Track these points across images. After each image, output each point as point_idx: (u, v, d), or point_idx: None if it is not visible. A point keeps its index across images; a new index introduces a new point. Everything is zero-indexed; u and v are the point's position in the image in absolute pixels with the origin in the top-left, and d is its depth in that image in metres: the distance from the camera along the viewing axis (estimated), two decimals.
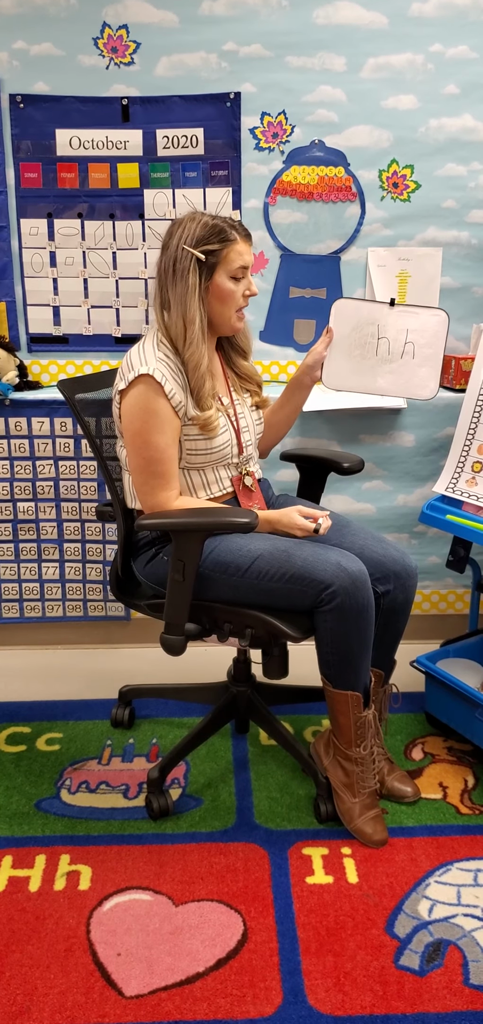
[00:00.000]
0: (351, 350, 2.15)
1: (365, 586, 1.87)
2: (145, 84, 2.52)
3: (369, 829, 1.97)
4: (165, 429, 1.92)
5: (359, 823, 1.98)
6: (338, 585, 1.83)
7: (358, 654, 1.91)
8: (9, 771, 2.24)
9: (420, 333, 2.12)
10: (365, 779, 1.99)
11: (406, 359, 2.13)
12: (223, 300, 1.97)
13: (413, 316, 2.13)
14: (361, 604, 1.86)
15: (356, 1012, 1.54)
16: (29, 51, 2.49)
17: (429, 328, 2.12)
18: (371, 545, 2.03)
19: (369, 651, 1.95)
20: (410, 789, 2.12)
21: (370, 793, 2.00)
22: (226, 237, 1.93)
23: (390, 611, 2.04)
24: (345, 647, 1.90)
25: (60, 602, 2.83)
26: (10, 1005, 1.56)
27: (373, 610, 1.91)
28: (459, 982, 1.60)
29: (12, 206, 2.61)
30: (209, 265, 1.93)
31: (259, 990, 1.59)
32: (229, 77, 2.52)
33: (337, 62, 2.51)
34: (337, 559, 1.86)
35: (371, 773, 1.99)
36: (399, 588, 2.03)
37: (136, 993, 1.58)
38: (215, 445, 1.99)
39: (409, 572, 2.04)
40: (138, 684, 2.49)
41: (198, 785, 2.19)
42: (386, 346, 2.14)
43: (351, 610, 1.85)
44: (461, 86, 2.53)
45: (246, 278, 2.00)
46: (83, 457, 2.69)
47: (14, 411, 2.65)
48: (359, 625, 1.88)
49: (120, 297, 2.69)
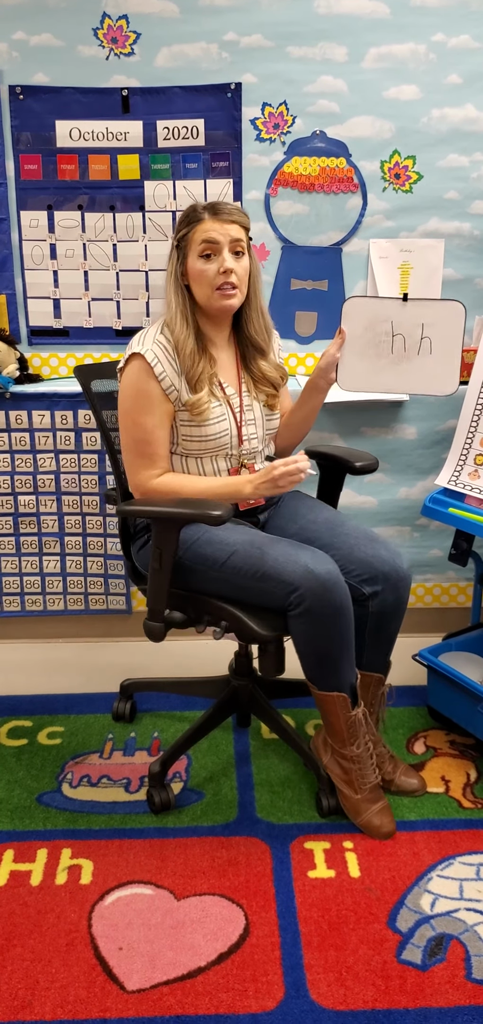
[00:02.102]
0: (365, 350, 2.09)
1: (335, 588, 1.83)
2: (145, 75, 2.50)
3: (377, 821, 1.97)
4: (153, 410, 1.97)
5: (366, 817, 1.98)
6: (305, 588, 1.80)
7: (337, 655, 1.89)
8: (10, 765, 2.24)
9: (436, 327, 2.07)
10: (364, 775, 1.98)
11: (423, 355, 2.08)
12: (196, 280, 2.00)
13: (428, 309, 2.07)
14: (333, 606, 1.83)
15: (358, 1006, 1.54)
16: (28, 42, 2.47)
17: (445, 321, 2.07)
18: (362, 545, 1.99)
19: (350, 650, 1.92)
20: (416, 782, 2.12)
21: (372, 787, 1.99)
22: (192, 219, 2.00)
23: (381, 613, 1.99)
24: (322, 649, 1.88)
25: (61, 595, 2.83)
26: (12, 999, 1.56)
27: (348, 611, 1.87)
28: (461, 976, 1.60)
29: (12, 198, 2.59)
30: (182, 249, 2.01)
31: (261, 984, 1.58)
32: (230, 68, 2.50)
33: (338, 52, 2.49)
34: (306, 561, 1.83)
35: (370, 768, 1.98)
36: (389, 590, 1.97)
37: (138, 987, 1.58)
38: (209, 433, 2.00)
39: (399, 574, 1.98)
40: (139, 678, 2.49)
41: (200, 779, 2.19)
42: (401, 343, 2.08)
43: (322, 613, 1.82)
44: (463, 76, 2.51)
45: (220, 255, 1.97)
46: (84, 450, 2.68)
47: (15, 404, 2.64)
48: (333, 627, 1.85)
49: (121, 289, 2.68)
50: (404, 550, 2.80)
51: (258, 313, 2.10)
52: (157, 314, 2.67)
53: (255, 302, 2.10)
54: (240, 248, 2.00)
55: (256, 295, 2.10)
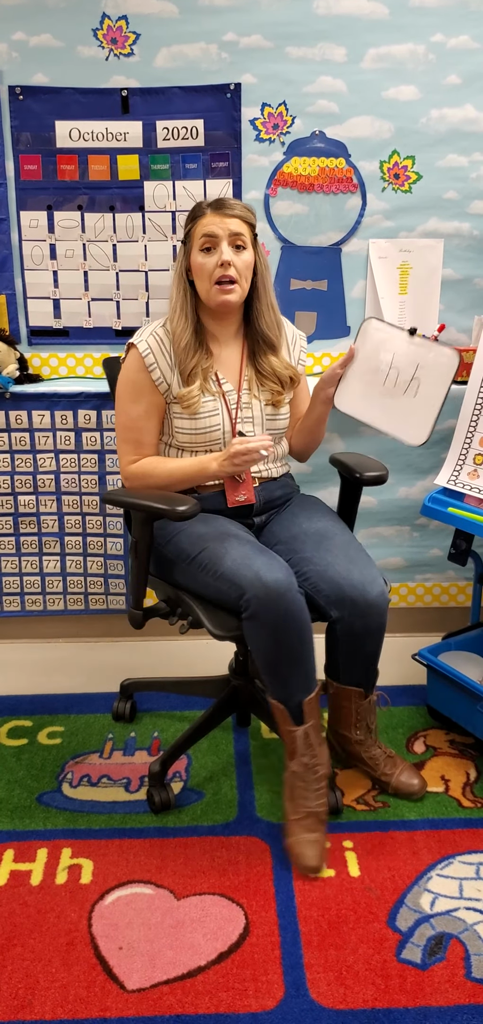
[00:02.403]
0: (365, 375, 2.04)
1: (283, 599, 1.78)
2: (145, 75, 2.51)
3: (303, 851, 1.86)
4: (141, 400, 2.04)
5: (294, 840, 1.88)
6: (252, 594, 1.78)
7: (283, 667, 1.85)
8: (10, 765, 2.25)
9: (428, 371, 1.99)
10: (304, 796, 1.89)
11: (409, 396, 2.00)
12: (197, 274, 2.03)
13: (427, 351, 1.99)
14: (278, 616, 1.79)
15: (358, 1006, 1.54)
16: (28, 42, 2.47)
17: (437, 369, 1.99)
18: (337, 564, 1.92)
19: (301, 666, 1.86)
20: (417, 783, 2.09)
21: (310, 814, 1.89)
22: (196, 214, 2.04)
23: (348, 637, 1.93)
24: (268, 657, 1.85)
25: (61, 595, 2.83)
26: (12, 999, 1.56)
27: (297, 624, 1.81)
28: (461, 976, 1.60)
29: (12, 198, 2.59)
30: (186, 246, 2.04)
31: (261, 983, 1.59)
32: (229, 68, 2.50)
33: (338, 52, 2.50)
34: (258, 567, 1.80)
35: (312, 793, 1.89)
36: (357, 616, 1.89)
37: (138, 987, 1.58)
38: (200, 426, 2.02)
39: (368, 601, 1.88)
40: (139, 677, 2.49)
41: (200, 779, 2.19)
42: (395, 377, 2.02)
43: (267, 620, 1.79)
44: (463, 76, 2.51)
45: (218, 248, 1.98)
46: (84, 450, 2.68)
47: (15, 404, 2.64)
48: (279, 637, 1.81)
49: (120, 290, 2.68)
50: (404, 550, 2.82)
51: (268, 308, 2.10)
52: (157, 314, 2.68)
53: (265, 297, 2.09)
54: (241, 242, 2.00)
55: (265, 290, 2.09)
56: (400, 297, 2.69)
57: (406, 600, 2.88)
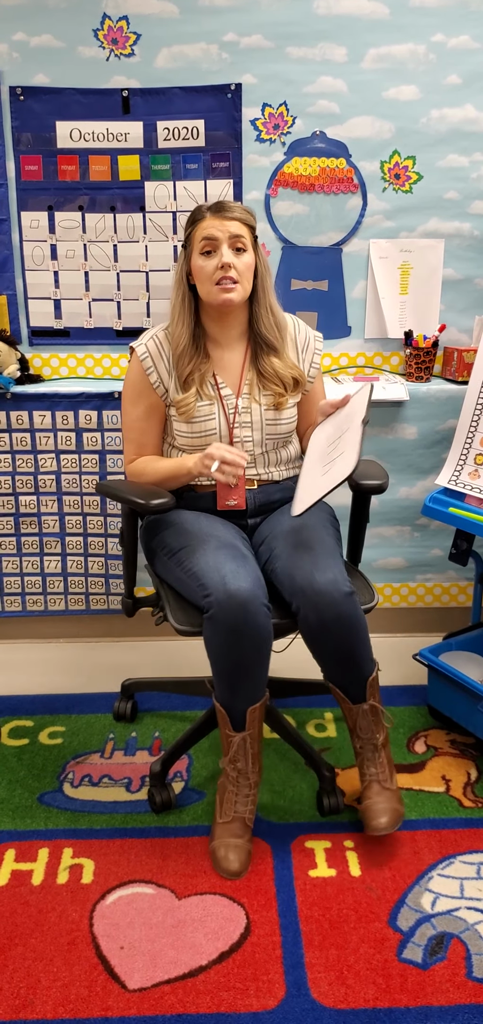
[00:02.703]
0: (331, 431, 1.96)
1: (243, 608, 1.75)
2: (145, 76, 2.51)
3: (223, 854, 1.86)
4: (139, 402, 2.09)
5: (216, 844, 1.88)
6: (214, 597, 1.77)
7: (233, 673, 1.83)
8: (12, 765, 2.25)
9: (351, 414, 1.90)
10: (233, 801, 1.89)
11: (339, 449, 1.87)
12: (198, 277, 2.02)
13: (356, 401, 1.91)
14: (236, 623, 1.76)
15: (359, 1005, 1.54)
16: (29, 43, 2.48)
17: (356, 403, 1.91)
18: (296, 555, 1.89)
19: (250, 678, 1.84)
20: (385, 820, 1.88)
21: (237, 820, 1.89)
22: (196, 217, 2.03)
23: (306, 629, 1.86)
24: (219, 661, 1.84)
25: (62, 595, 2.83)
26: (14, 998, 1.56)
27: (255, 634, 1.78)
28: (462, 975, 1.60)
29: (12, 199, 2.60)
30: (186, 250, 2.04)
31: (262, 983, 1.59)
32: (230, 68, 2.51)
33: (338, 53, 2.50)
34: (225, 572, 1.79)
35: (241, 800, 1.89)
36: (309, 608, 1.83)
37: (139, 986, 1.58)
38: (196, 431, 2.04)
39: (315, 589, 1.81)
40: (140, 677, 2.49)
41: (201, 778, 2.19)
42: (336, 443, 1.91)
43: (224, 626, 1.77)
44: (463, 76, 2.52)
45: (218, 251, 1.98)
46: (84, 450, 2.68)
47: (15, 405, 2.64)
48: (233, 644, 1.78)
49: (121, 290, 2.68)
50: (404, 550, 2.82)
51: (267, 310, 2.08)
52: (157, 314, 2.69)
53: (264, 299, 2.08)
54: (241, 244, 1.99)
55: (265, 292, 2.08)
56: (401, 297, 2.69)
57: (407, 600, 2.88)
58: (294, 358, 2.13)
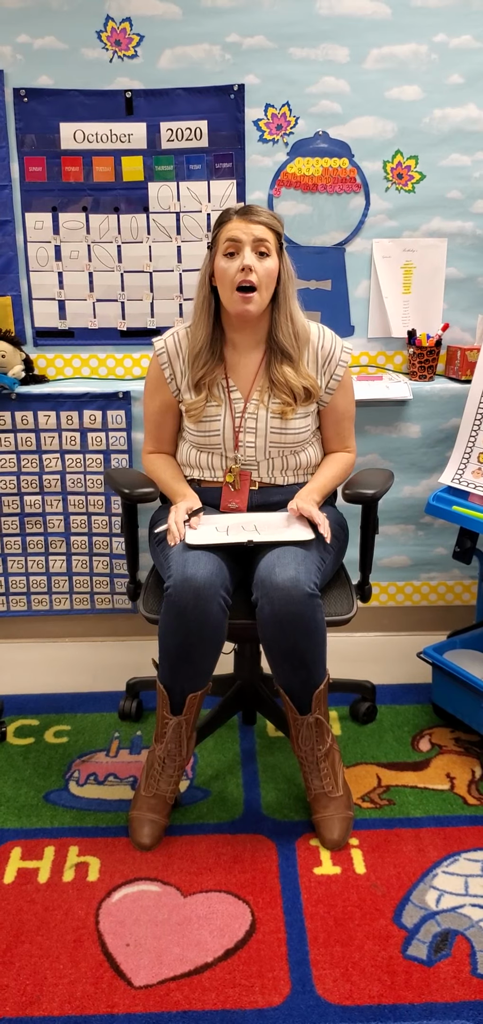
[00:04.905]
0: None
1: (194, 592, 1.79)
2: (149, 77, 2.52)
3: (138, 826, 1.95)
4: (155, 397, 2.16)
5: (134, 814, 1.97)
6: (173, 580, 1.82)
7: (177, 655, 1.87)
8: (18, 763, 2.26)
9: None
10: (158, 778, 1.96)
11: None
12: (220, 280, 2.01)
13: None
14: (186, 606, 1.80)
15: (364, 1002, 1.55)
16: (32, 45, 2.49)
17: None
18: (265, 551, 1.89)
19: (194, 662, 1.87)
20: (337, 835, 1.93)
21: (158, 797, 1.95)
22: (223, 219, 2.02)
23: (260, 621, 1.85)
24: (166, 641, 1.88)
25: (67, 595, 2.84)
26: (20, 995, 1.57)
27: (203, 621, 1.81)
28: (467, 972, 1.61)
29: (17, 200, 2.61)
30: (212, 251, 2.03)
31: (267, 980, 1.59)
32: (232, 69, 2.51)
33: (340, 53, 2.50)
34: (188, 559, 1.83)
35: (166, 778, 1.95)
36: (265, 600, 1.81)
37: (145, 983, 1.59)
38: (202, 430, 2.07)
39: (273, 582, 1.80)
40: (145, 676, 2.49)
41: (205, 777, 2.20)
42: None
43: (175, 608, 1.81)
44: (465, 76, 2.52)
45: (241, 253, 1.96)
46: (89, 450, 2.69)
47: (20, 405, 2.65)
48: (180, 627, 1.83)
49: (125, 291, 2.69)
50: (408, 548, 2.82)
51: (286, 318, 2.05)
52: (161, 315, 2.70)
53: (284, 307, 2.05)
54: (264, 248, 1.97)
55: (286, 299, 2.05)
56: (404, 296, 2.70)
57: (411, 599, 2.89)
58: (312, 370, 2.09)
